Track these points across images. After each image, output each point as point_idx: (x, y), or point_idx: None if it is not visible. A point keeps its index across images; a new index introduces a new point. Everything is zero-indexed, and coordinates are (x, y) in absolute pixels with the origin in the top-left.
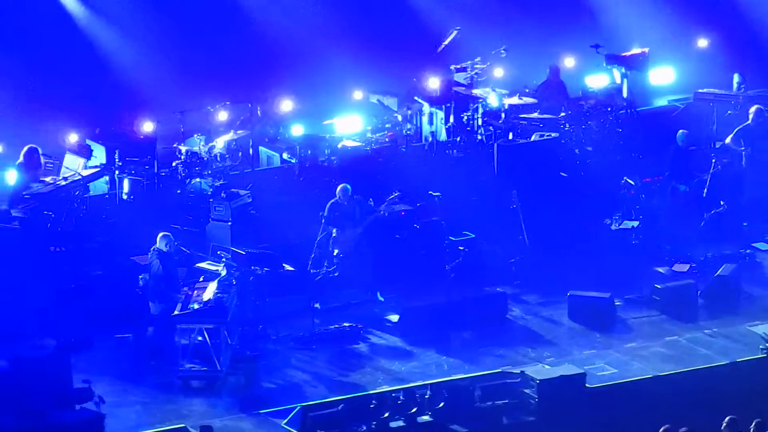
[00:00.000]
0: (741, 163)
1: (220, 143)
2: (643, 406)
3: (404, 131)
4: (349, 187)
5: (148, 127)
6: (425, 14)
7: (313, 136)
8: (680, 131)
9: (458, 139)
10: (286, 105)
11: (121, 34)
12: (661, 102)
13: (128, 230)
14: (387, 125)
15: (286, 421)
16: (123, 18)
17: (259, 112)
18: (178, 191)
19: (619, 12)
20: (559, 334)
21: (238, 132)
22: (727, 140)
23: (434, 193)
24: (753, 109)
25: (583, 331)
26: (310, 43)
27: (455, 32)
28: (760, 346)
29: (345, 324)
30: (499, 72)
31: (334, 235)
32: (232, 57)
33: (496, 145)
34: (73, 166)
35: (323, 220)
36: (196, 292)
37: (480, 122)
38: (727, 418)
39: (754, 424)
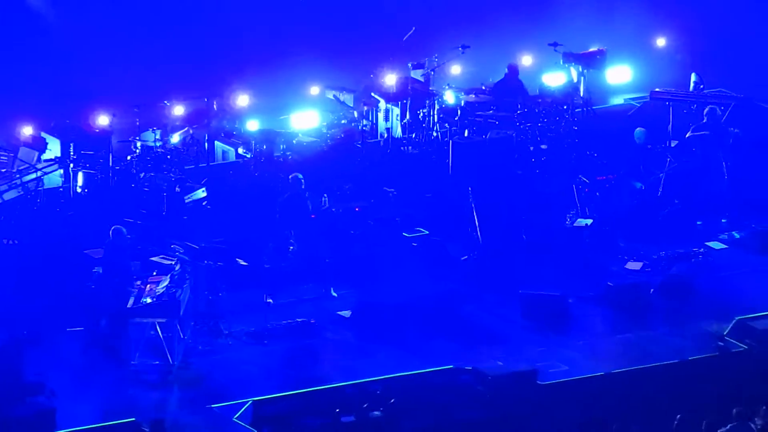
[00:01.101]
0: (695, 162)
1: (175, 137)
2: (594, 404)
3: (360, 127)
4: (300, 176)
5: (103, 120)
6: (383, 11)
7: (269, 131)
8: (638, 129)
9: (414, 135)
10: (242, 100)
11: (77, 26)
12: (618, 101)
13: (82, 223)
14: (343, 121)
15: (237, 415)
16: (79, 10)
17: (215, 107)
18: (133, 185)
19: (577, 11)
20: (511, 331)
21: (194, 126)
22: (688, 135)
23: (389, 190)
24: (707, 110)
25: (536, 328)
26: (267, 39)
27: (413, 29)
28: (712, 345)
29: (298, 319)
30: (456, 69)
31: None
32: (188, 51)
33: (451, 142)
34: (27, 159)
35: (276, 215)
36: (149, 286)
37: (436, 119)
38: (678, 417)
39: (704, 423)
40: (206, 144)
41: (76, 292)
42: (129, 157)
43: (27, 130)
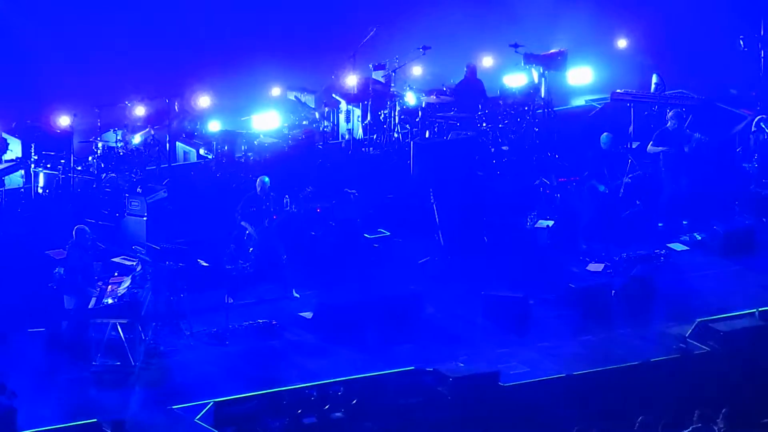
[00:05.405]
0: (658, 164)
1: (136, 138)
2: (555, 406)
3: (321, 128)
4: (267, 179)
5: (64, 121)
6: (344, 11)
7: (230, 132)
8: (605, 134)
9: (375, 136)
10: (204, 100)
11: (38, 26)
12: (579, 102)
13: (43, 224)
14: (304, 122)
15: (199, 416)
16: (39, 9)
17: (176, 108)
18: (94, 186)
19: (538, 11)
20: (472, 332)
21: (155, 127)
22: (649, 147)
23: (350, 191)
24: (671, 113)
25: (497, 330)
26: (228, 39)
27: (373, 30)
28: (674, 347)
29: (259, 320)
30: (417, 70)
31: (248, 231)
32: (149, 52)
33: (412, 143)
34: None
35: (238, 215)
36: (110, 286)
37: (397, 120)
38: (640, 419)
39: (665, 426)
40: (167, 145)
41: (38, 292)
42: (90, 158)
43: None
